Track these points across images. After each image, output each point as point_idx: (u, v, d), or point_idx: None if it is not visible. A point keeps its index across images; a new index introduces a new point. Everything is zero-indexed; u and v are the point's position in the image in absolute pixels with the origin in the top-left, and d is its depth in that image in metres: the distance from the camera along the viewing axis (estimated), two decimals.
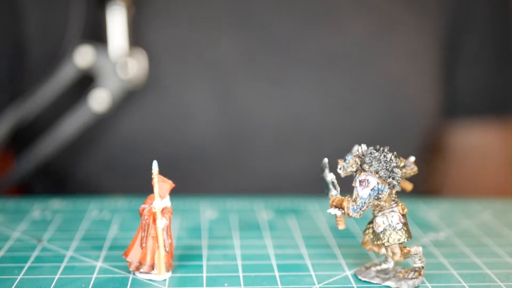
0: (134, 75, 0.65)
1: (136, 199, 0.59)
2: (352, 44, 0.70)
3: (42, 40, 0.66)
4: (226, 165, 0.69)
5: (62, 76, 0.65)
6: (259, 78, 0.68)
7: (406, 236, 0.42)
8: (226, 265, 0.45)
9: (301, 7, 0.69)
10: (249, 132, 0.68)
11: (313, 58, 0.69)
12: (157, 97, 0.66)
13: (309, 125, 0.69)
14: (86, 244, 0.49)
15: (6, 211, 0.56)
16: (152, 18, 0.67)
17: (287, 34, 0.68)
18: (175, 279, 0.43)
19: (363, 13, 0.70)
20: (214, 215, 0.56)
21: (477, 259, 0.47)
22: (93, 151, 0.68)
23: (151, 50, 0.66)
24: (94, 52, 0.64)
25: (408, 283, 0.42)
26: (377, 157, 0.41)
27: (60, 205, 0.58)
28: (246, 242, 0.50)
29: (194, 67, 0.67)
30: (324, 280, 0.43)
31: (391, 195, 0.41)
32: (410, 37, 0.72)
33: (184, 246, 0.49)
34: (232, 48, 0.68)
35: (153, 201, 0.43)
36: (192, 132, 0.67)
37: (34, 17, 0.66)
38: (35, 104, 0.65)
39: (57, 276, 0.43)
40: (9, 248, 0.48)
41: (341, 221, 0.42)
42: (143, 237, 0.43)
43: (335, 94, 0.69)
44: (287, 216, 0.56)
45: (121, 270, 0.44)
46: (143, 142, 0.67)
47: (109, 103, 0.65)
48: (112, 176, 0.69)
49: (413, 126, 0.72)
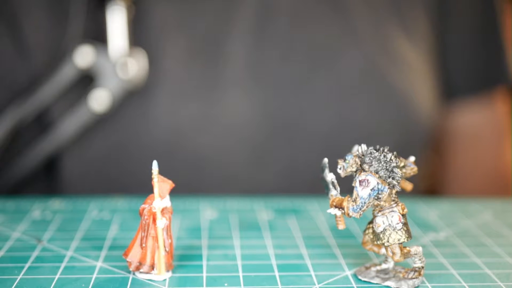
0: (134, 75, 0.65)
1: (136, 199, 0.59)
2: (355, 69, 0.70)
3: (42, 40, 0.66)
4: (226, 165, 0.69)
5: (62, 76, 0.65)
6: (260, 78, 0.68)
7: (406, 236, 0.42)
8: (226, 265, 0.45)
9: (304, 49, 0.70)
10: (249, 132, 0.68)
11: (324, 90, 0.69)
12: (157, 97, 0.66)
13: (311, 124, 0.69)
14: (86, 244, 0.49)
15: (6, 211, 0.56)
16: (152, 18, 0.67)
17: (292, 75, 0.69)
18: (175, 279, 0.43)
19: (361, 39, 0.70)
20: (214, 215, 0.56)
21: (477, 259, 0.47)
22: (93, 151, 0.68)
23: (151, 50, 0.66)
24: (94, 52, 0.64)
25: (408, 283, 0.42)
26: (377, 157, 0.41)
27: (60, 205, 0.58)
28: (246, 242, 0.50)
29: (194, 67, 0.67)
30: (324, 280, 0.43)
31: (391, 195, 0.41)
32: (404, 47, 0.72)
33: (184, 246, 0.49)
34: (233, 48, 0.68)
35: (153, 201, 0.43)
36: (192, 132, 0.67)
37: (34, 17, 0.66)
38: (35, 104, 0.65)
39: (57, 276, 0.43)
40: (9, 248, 0.48)
41: (341, 221, 0.42)
42: (143, 237, 0.43)
43: (336, 93, 0.69)
44: (287, 216, 0.56)
45: (121, 270, 0.44)
46: (143, 142, 0.67)
47: (109, 103, 0.65)
48: (112, 176, 0.69)
49: (414, 119, 0.72)
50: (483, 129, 0.81)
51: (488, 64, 0.79)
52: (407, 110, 0.70)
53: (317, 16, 0.70)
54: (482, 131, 0.81)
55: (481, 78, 0.79)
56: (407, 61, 0.72)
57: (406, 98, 0.70)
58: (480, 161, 0.81)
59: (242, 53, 0.68)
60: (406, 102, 0.70)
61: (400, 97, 0.70)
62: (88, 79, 0.65)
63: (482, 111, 0.80)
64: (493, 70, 0.80)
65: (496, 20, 0.79)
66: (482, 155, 0.81)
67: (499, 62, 0.79)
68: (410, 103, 0.71)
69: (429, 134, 0.74)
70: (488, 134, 0.81)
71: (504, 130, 0.82)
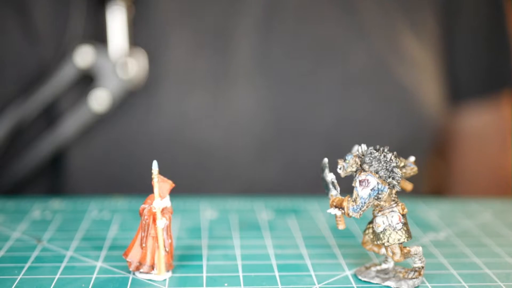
0: (134, 75, 0.65)
1: (136, 199, 0.59)
2: (361, 66, 0.70)
3: (42, 40, 0.66)
4: (226, 165, 0.69)
5: (62, 76, 0.65)
6: (261, 79, 0.68)
7: (406, 236, 0.42)
8: (226, 265, 0.45)
9: (310, 44, 0.69)
10: (249, 131, 0.68)
11: (329, 86, 0.69)
12: (157, 97, 0.66)
13: (315, 120, 0.69)
14: (86, 244, 0.49)
15: (6, 211, 0.56)
16: (152, 18, 0.67)
17: (299, 70, 0.69)
18: (175, 279, 0.43)
19: (368, 38, 0.70)
20: (214, 215, 0.56)
21: (477, 259, 0.47)
22: (93, 151, 0.68)
23: (151, 50, 0.66)
24: (94, 52, 0.64)
25: (408, 283, 0.42)
26: (377, 157, 0.41)
27: (60, 205, 0.58)
28: (246, 242, 0.50)
29: (194, 67, 0.67)
30: (324, 280, 0.43)
31: (391, 195, 0.41)
32: (412, 46, 0.72)
33: (184, 246, 0.49)
34: (233, 48, 0.68)
35: (153, 201, 0.43)
36: (192, 132, 0.67)
37: (34, 17, 0.66)
38: (35, 104, 0.65)
39: (57, 276, 0.43)
40: (9, 248, 0.48)
41: (341, 221, 0.42)
42: (143, 237, 0.43)
43: (341, 93, 0.69)
44: (287, 216, 0.56)
45: (121, 270, 0.44)
46: (142, 142, 0.67)
47: (109, 103, 0.65)
48: (112, 176, 0.69)
49: (422, 121, 0.72)
50: (489, 131, 0.81)
51: (495, 66, 0.79)
52: (413, 109, 0.70)
53: (325, 12, 0.70)
54: (488, 133, 0.81)
55: (488, 80, 0.79)
56: (414, 60, 0.71)
57: (412, 97, 0.70)
58: (485, 163, 0.81)
59: (244, 53, 0.68)
60: (412, 101, 0.70)
61: (406, 96, 0.70)
62: (88, 79, 0.65)
63: (488, 113, 0.79)
64: (500, 73, 0.79)
65: (504, 22, 0.78)
66: (487, 157, 0.81)
67: (506, 65, 0.79)
68: (416, 102, 0.70)
69: (434, 134, 0.74)
70: (493, 137, 0.81)
71: (510, 132, 0.81)
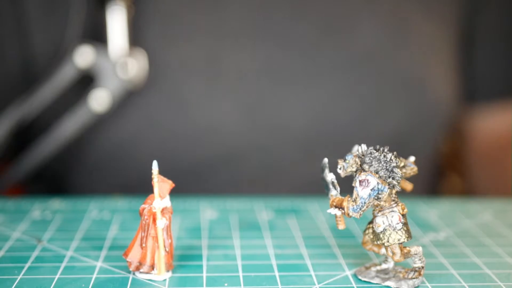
0: (134, 75, 0.65)
1: (136, 199, 0.59)
2: (369, 45, 0.69)
3: (42, 40, 0.66)
4: (226, 164, 0.69)
5: (62, 76, 0.65)
6: (261, 79, 0.68)
7: (406, 236, 0.42)
8: (226, 265, 0.45)
9: (317, 12, 0.69)
10: (249, 132, 0.68)
11: (332, 60, 0.69)
12: (157, 98, 0.66)
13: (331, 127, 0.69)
14: (86, 244, 0.49)
15: (6, 211, 0.56)
16: (152, 18, 0.67)
17: (303, 38, 0.68)
18: (175, 279, 0.43)
19: (378, 14, 0.70)
20: (214, 215, 0.56)
21: (477, 259, 0.47)
22: (93, 151, 0.68)
23: (151, 50, 0.66)
24: (94, 52, 0.64)
25: (408, 283, 0.42)
26: (377, 157, 0.41)
27: (60, 205, 0.58)
28: (246, 242, 0.50)
29: (193, 67, 0.67)
30: (324, 280, 0.43)
31: (391, 195, 0.41)
32: (424, 30, 0.72)
33: (184, 246, 0.49)
34: (233, 48, 0.68)
35: (153, 201, 0.43)
36: (192, 132, 0.67)
37: (34, 17, 0.66)
38: (35, 104, 0.65)
39: (57, 276, 0.43)
40: (9, 248, 0.48)
41: (341, 221, 0.42)
42: (143, 237, 0.43)
43: (357, 94, 0.69)
44: (287, 216, 0.56)
45: (121, 270, 0.44)
46: (142, 142, 0.67)
47: (109, 103, 0.65)
48: (112, 176, 0.69)
49: (437, 119, 0.72)
50: (504, 135, 0.80)
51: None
52: (423, 98, 0.70)
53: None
54: (503, 136, 0.80)
55: (505, 82, 0.78)
56: (430, 49, 0.71)
57: (423, 86, 0.70)
58: (500, 166, 0.80)
59: (242, 52, 0.68)
60: (422, 90, 0.70)
61: (416, 85, 0.70)
62: (88, 79, 0.65)
63: (504, 116, 0.79)
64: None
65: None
66: (503, 160, 0.80)
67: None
68: (426, 91, 0.70)
69: (446, 126, 0.73)
70: (508, 140, 0.80)
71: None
